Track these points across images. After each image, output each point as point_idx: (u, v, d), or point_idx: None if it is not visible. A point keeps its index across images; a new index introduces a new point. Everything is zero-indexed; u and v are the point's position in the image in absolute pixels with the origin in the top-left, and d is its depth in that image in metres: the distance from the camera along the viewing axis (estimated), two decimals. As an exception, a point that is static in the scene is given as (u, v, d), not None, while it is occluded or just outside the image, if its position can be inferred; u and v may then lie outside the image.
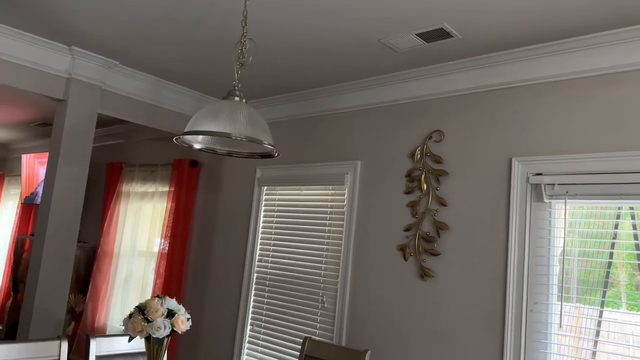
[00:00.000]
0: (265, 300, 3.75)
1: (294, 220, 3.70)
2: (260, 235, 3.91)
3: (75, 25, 2.93)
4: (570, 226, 2.47)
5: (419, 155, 3.04)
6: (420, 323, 2.87)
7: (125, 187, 5.25)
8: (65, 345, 2.30)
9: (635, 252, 2.32)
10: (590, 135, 2.43)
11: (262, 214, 3.94)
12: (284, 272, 3.67)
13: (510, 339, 2.51)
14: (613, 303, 2.34)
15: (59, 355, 2.27)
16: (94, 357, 2.38)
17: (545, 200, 2.50)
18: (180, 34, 2.87)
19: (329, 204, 3.51)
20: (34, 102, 4.88)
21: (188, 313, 2.02)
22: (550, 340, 2.42)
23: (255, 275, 3.86)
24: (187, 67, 3.43)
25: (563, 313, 2.41)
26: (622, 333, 2.27)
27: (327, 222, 3.49)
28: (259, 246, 3.90)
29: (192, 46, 3.04)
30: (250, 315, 3.82)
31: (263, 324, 3.72)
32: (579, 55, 2.49)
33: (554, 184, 2.47)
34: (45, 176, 3.44)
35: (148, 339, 1.92)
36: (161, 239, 4.57)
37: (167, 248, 4.47)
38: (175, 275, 4.37)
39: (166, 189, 4.78)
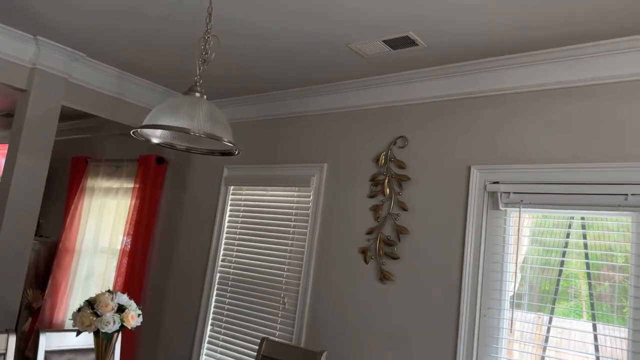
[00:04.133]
0: (227, 300, 3.73)
1: (259, 221, 3.70)
2: (224, 235, 3.89)
3: (41, 14, 2.87)
4: (523, 234, 2.53)
5: (383, 160, 3.08)
6: (378, 325, 2.89)
7: (89, 182, 5.15)
8: (13, 339, 2.24)
9: (585, 261, 2.39)
10: (547, 147, 2.50)
11: (228, 213, 3.92)
12: (247, 273, 3.66)
13: (463, 343, 2.55)
14: (567, 311, 2.41)
15: (6, 350, 2.22)
16: (44, 352, 2.33)
17: (501, 208, 2.56)
18: (149, 28, 2.85)
19: (294, 205, 3.52)
20: (-2, 91, 4.76)
21: (140, 309, 2.00)
22: (501, 346, 2.48)
23: (218, 275, 3.83)
24: (154, 61, 3.40)
25: (514, 319, 2.46)
26: (570, 340, 2.34)
27: (292, 223, 3.49)
28: (223, 246, 3.88)
29: (160, 41, 3.02)
30: (211, 315, 3.80)
31: (224, 324, 3.70)
32: (538, 68, 2.56)
33: (509, 193, 2.54)
34: (4, 167, 3.36)
35: (97, 334, 1.90)
36: (124, 236, 4.50)
37: (129, 245, 4.41)
38: (137, 273, 4.31)
39: (131, 185, 4.71)
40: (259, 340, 3.43)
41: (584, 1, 2.04)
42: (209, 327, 3.78)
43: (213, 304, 3.81)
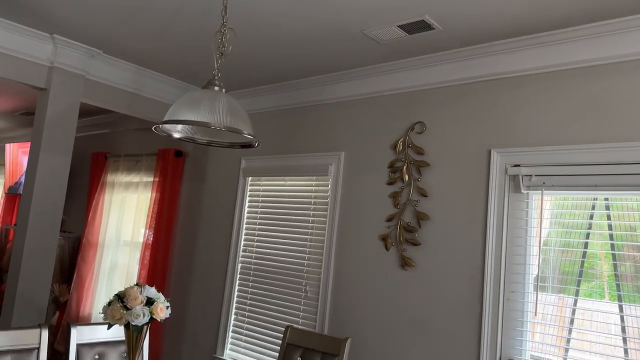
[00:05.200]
0: (250, 289, 3.77)
1: (278, 211, 3.72)
2: (244, 226, 3.93)
3: (57, 13, 2.90)
4: (546, 217, 2.51)
5: (401, 147, 3.07)
6: (400, 311, 2.91)
7: (110, 177, 5.22)
8: (45, 334, 2.30)
9: (610, 242, 2.36)
10: (568, 128, 2.47)
11: (247, 204, 3.95)
12: (268, 262, 3.69)
13: (487, 326, 2.56)
14: (589, 292, 2.39)
15: (39, 344, 2.28)
16: (75, 346, 2.39)
17: (523, 191, 2.54)
18: (163, 22, 2.86)
19: (313, 194, 3.53)
20: (18, 90, 4.83)
21: (168, 301, 2.04)
22: (526, 328, 2.48)
23: (240, 265, 3.88)
24: (170, 55, 3.42)
25: (538, 302, 2.46)
26: (596, 321, 2.33)
27: (311, 212, 3.51)
28: (243, 236, 3.92)
29: (175, 35, 3.03)
30: (234, 305, 3.85)
31: (247, 313, 3.75)
32: (559, 48, 2.52)
33: (531, 175, 2.51)
34: (27, 166, 3.42)
35: (127, 326, 1.94)
36: (146, 230, 4.57)
37: (151, 238, 4.47)
38: (159, 265, 4.38)
39: (151, 179, 4.77)
40: (282, 329, 3.47)
41: (605, -22, 2.00)
42: (233, 317, 3.84)
43: (236, 294, 3.85)
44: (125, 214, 5.02)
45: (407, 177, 3.01)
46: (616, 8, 2.22)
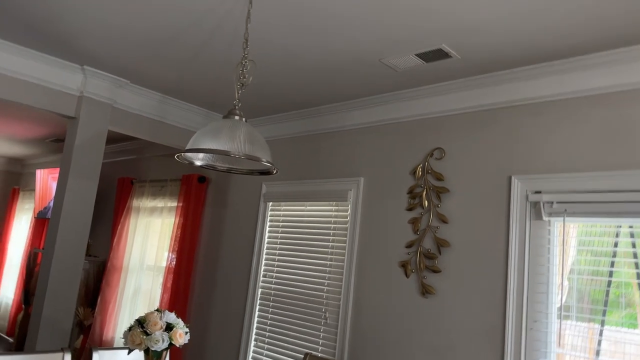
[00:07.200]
0: (269, 315, 3.77)
1: (298, 236, 3.74)
2: (265, 251, 3.95)
3: (87, 45, 3.03)
4: (569, 244, 2.47)
5: (420, 173, 3.07)
6: (421, 339, 2.87)
7: (135, 202, 5.33)
8: (68, 358, 2.34)
9: (635, 271, 2.31)
10: (589, 154, 2.44)
11: (268, 229, 3.98)
12: (288, 288, 3.70)
13: (510, 356, 2.50)
14: (614, 321, 2.33)
15: (62, 367, 2.32)
16: (97, 370, 2.42)
17: (544, 218, 2.51)
18: (188, 54, 2.96)
19: (332, 219, 3.54)
20: (49, 118, 5.01)
21: (187, 327, 2.06)
22: (550, 359, 2.41)
23: (260, 290, 3.89)
24: (194, 85, 3.52)
25: (562, 331, 2.40)
26: (624, 353, 2.26)
27: (330, 237, 3.52)
28: (263, 261, 3.94)
29: (199, 66, 3.12)
30: (254, 331, 3.85)
31: (267, 339, 3.74)
32: (578, 75, 2.51)
33: (552, 202, 2.48)
34: (55, 191, 3.53)
35: (147, 351, 1.96)
36: (169, 254, 4.63)
37: (174, 263, 4.53)
38: (182, 289, 4.42)
39: (175, 204, 4.85)
40: (301, 356, 3.45)
41: (620, 6, 2.01)
42: (253, 343, 3.83)
43: (256, 319, 3.86)
44: (150, 238, 5.11)
45: (426, 203, 3.00)
46: (633, 36, 2.22)
